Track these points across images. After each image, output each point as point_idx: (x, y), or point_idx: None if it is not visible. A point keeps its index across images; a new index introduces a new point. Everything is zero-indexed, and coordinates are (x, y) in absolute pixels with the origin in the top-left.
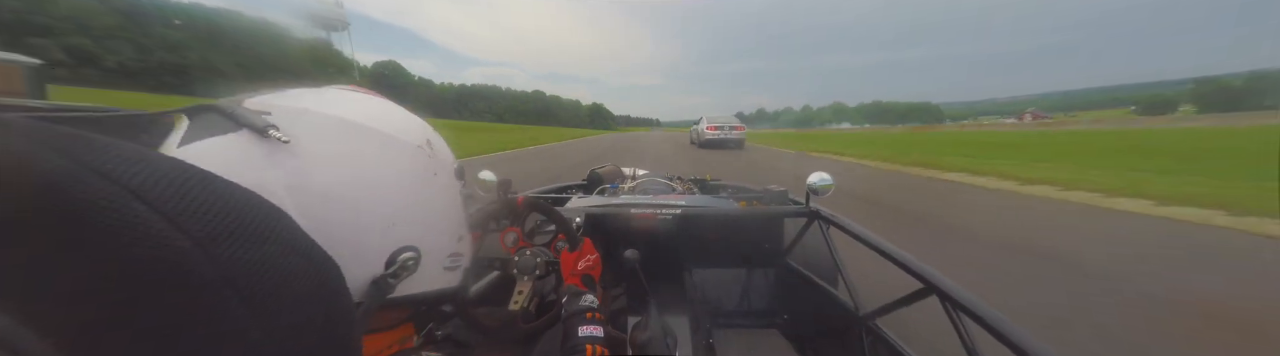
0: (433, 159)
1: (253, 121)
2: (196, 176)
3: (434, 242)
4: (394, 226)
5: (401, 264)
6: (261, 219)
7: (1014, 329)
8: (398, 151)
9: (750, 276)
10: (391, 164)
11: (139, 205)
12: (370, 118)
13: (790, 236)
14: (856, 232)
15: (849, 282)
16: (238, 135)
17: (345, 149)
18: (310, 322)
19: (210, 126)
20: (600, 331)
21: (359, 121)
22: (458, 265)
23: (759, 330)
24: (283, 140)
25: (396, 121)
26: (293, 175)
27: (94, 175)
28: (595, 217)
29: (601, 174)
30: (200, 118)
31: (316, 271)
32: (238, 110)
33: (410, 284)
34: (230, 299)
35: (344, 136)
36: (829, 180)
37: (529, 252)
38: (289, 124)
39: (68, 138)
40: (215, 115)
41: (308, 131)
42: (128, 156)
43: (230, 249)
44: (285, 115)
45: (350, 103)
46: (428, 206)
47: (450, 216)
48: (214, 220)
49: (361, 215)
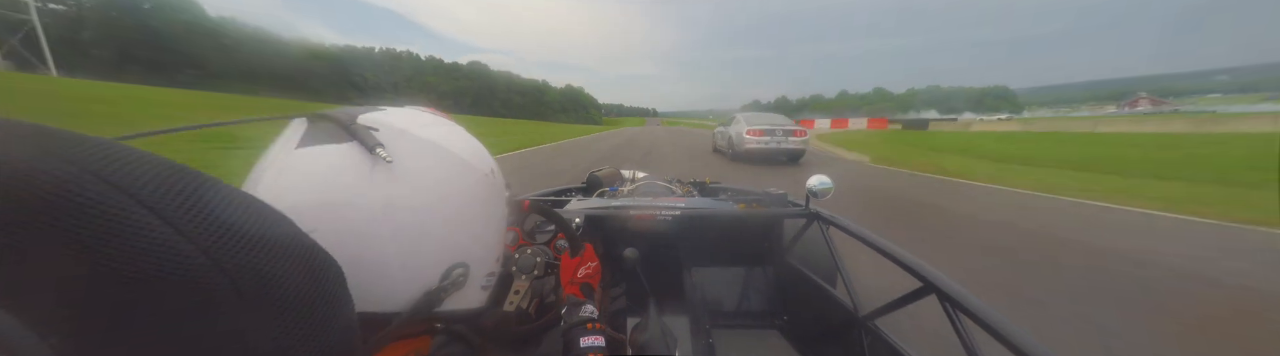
0: (493, 186)
1: (365, 137)
2: (200, 183)
3: (482, 260)
4: (455, 243)
5: (454, 279)
6: (263, 224)
7: (1013, 328)
8: (473, 177)
9: (749, 276)
10: (467, 188)
11: (142, 210)
12: (453, 144)
13: (789, 238)
14: (856, 232)
15: (848, 282)
16: (349, 146)
17: (434, 171)
18: (309, 323)
19: (327, 134)
20: (602, 341)
21: (446, 147)
22: (490, 284)
23: (758, 330)
24: (387, 160)
25: (470, 148)
26: (387, 189)
27: (99, 181)
28: (595, 219)
29: (601, 177)
30: (318, 125)
31: (315, 274)
32: (353, 124)
33: (451, 300)
34: (231, 300)
35: (434, 160)
36: (829, 183)
37: (529, 251)
38: (391, 142)
39: (74, 144)
40: (332, 125)
41: (406, 151)
42: (130, 160)
43: (232, 253)
44: (389, 133)
45: (438, 127)
46: (485, 227)
47: (498, 238)
48: (217, 225)
49: (432, 231)
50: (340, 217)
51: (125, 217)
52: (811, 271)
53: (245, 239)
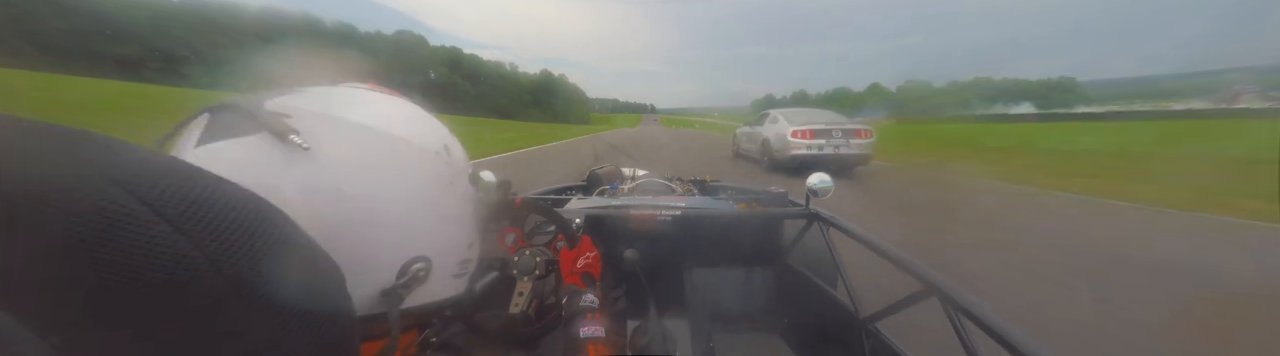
0: (449, 166)
1: (273, 125)
2: (198, 179)
3: (445, 251)
4: (408, 237)
5: (413, 274)
6: (265, 222)
7: (1014, 331)
8: (415, 159)
9: (750, 277)
10: (409, 173)
11: (142, 208)
12: (390, 122)
13: (790, 238)
14: (856, 234)
15: (849, 284)
16: (257, 137)
17: (364, 156)
18: (309, 324)
19: (230, 127)
20: (601, 331)
21: (379, 127)
22: (466, 271)
23: (759, 333)
24: (303, 147)
25: (415, 126)
26: (309, 181)
27: (101, 179)
28: (594, 218)
29: (601, 175)
30: (220, 117)
31: (315, 274)
32: (259, 112)
33: (418, 294)
34: (230, 300)
35: (363, 143)
36: (829, 182)
37: (528, 252)
38: (309, 128)
39: (75, 141)
40: (236, 115)
41: (327, 137)
42: (131, 157)
43: (232, 252)
44: (305, 119)
45: (370, 105)
46: (442, 215)
47: (463, 224)
48: (216, 223)
49: (375, 226)
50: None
51: (125, 215)
52: (812, 272)
53: (245, 238)
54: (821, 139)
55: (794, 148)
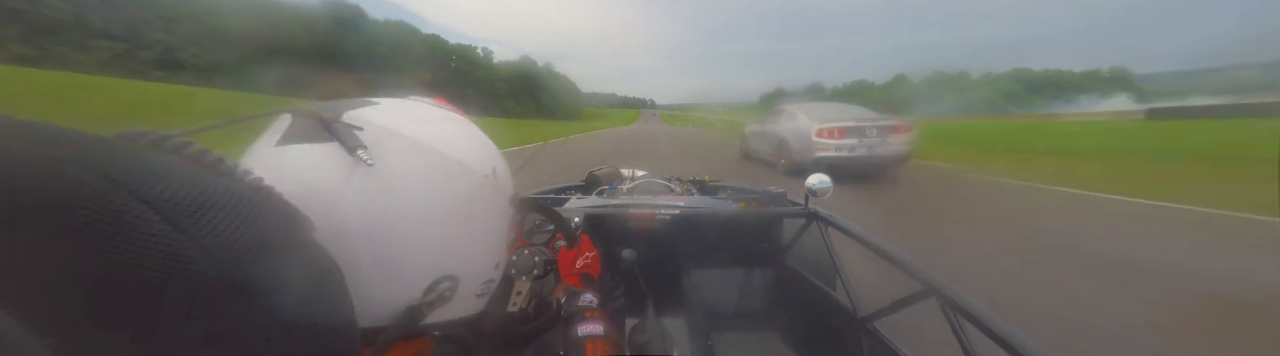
0: (495, 189)
1: (346, 138)
2: (200, 179)
3: (475, 272)
4: (442, 256)
5: (439, 293)
6: (267, 222)
7: (1013, 331)
8: (467, 180)
9: (748, 277)
10: (458, 194)
11: (141, 206)
12: (450, 143)
13: (789, 237)
14: (856, 233)
15: (847, 284)
16: (329, 146)
17: (421, 176)
18: (309, 325)
19: (309, 133)
20: (600, 328)
21: (440, 148)
22: (487, 291)
23: (757, 332)
24: (368, 163)
25: (472, 148)
26: (364, 195)
27: (101, 178)
28: (593, 218)
29: (600, 175)
30: (300, 121)
31: (316, 276)
32: (336, 123)
33: (439, 311)
34: (230, 300)
35: (423, 163)
36: (828, 182)
37: (527, 252)
38: (376, 142)
39: (76, 141)
40: (316, 123)
41: (391, 154)
42: (132, 157)
43: (233, 252)
44: (375, 133)
45: (434, 123)
46: (479, 236)
47: (497, 244)
48: (218, 223)
49: (415, 243)
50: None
51: (125, 214)
52: (811, 272)
53: (246, 238)
54: (853, 138)
55: (820, 149)
